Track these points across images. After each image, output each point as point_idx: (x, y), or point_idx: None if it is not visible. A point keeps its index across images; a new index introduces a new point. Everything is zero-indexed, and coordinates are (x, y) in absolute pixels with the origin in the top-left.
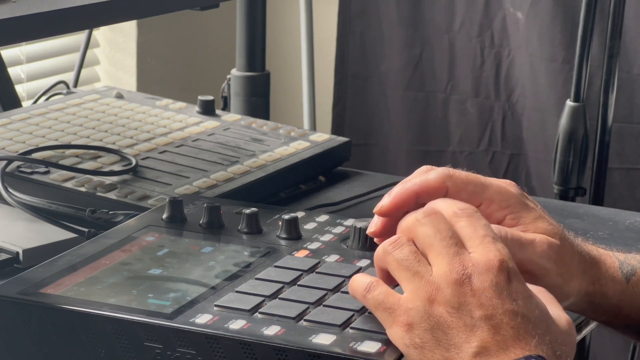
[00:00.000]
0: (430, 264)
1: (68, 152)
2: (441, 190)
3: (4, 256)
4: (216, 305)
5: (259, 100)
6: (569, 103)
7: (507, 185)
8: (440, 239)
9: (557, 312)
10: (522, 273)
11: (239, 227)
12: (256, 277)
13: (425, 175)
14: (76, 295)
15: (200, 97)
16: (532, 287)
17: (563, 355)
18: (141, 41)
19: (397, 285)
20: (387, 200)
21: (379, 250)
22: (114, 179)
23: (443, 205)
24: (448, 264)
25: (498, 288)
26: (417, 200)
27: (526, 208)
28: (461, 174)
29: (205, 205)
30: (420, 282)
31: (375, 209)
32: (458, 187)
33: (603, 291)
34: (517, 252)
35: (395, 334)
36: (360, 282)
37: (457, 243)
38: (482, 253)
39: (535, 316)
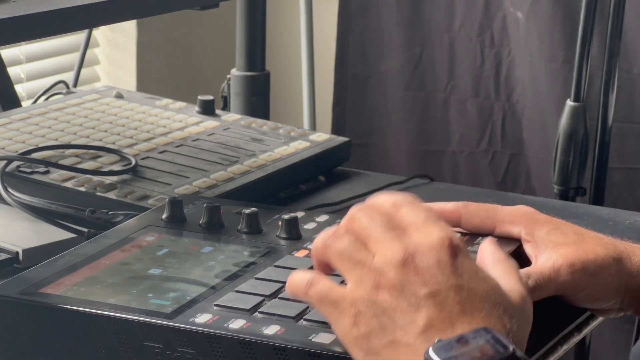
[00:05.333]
0: (371, 253)
1: (68, 152)
2: (454, 214)
3: (4, 256)
4: (216, 305)
5: (259, 100)
6: (569, 103)
7: (519, 207)
8: (376, 227)
9: (512, 285)
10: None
11: (239, 227)
12: (256, 276)
13: (442, 203)
14: (76, 295)
15: (200, 97)
16: (492, 257)
17: (514, 328)
18: (141, 41)
19: (336, 274)
20: None
21: (317, 244)
22: (114, 179)
23: (380, 199)
24: (389, 247)
25: (442, 265)
26: None
27: (539, 222)
28: (475, 203)
29: (205, 205)
30: (362, 270)
31: None
32: (471, 214)
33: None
34: (547, 291)
35: (343, 329)
36: (300, 278)
37: (395, 228)
38: (425, 234)
39: (482, 290)
